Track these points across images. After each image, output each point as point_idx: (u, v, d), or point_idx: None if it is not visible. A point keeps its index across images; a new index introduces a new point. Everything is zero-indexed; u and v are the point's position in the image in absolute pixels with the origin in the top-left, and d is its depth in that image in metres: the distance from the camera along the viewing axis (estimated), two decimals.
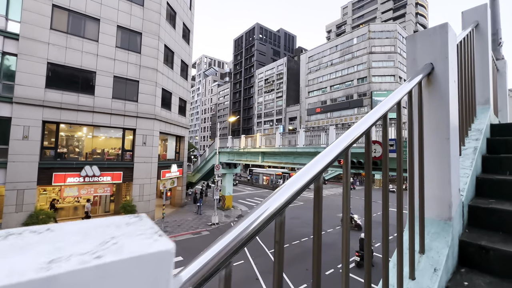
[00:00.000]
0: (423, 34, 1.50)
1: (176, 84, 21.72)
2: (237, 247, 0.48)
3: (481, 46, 2.65)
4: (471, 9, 2.72)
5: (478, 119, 2.45)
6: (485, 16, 2.59)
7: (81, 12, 15.58)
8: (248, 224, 0.52)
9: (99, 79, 16.07)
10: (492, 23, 4.24)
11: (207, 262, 0.44)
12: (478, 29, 2.65)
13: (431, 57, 1.45)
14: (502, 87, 4.07)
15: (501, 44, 4.18)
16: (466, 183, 1.66)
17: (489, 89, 2.60)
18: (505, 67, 4.05)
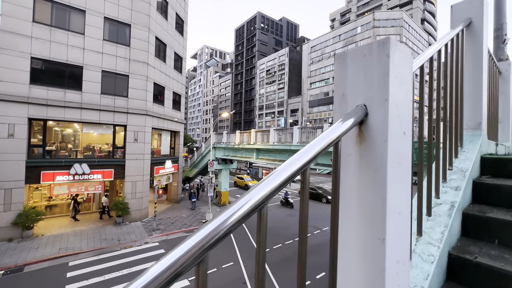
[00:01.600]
0: (355, 55, 0.92)
1: (170, 78, 21.05)
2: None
3: (474, 51, 2.02)
4: (463, 2, 2.08)
5: (464, 151, 1.86)
6: (480, 11, 1.96)
7: (65, 4, 14.87)
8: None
9: (86, 74, 15.51)
10: (496, 16, 3.55)
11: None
12: (470, 29, 2.02)
13: (365, 94, 0.88)
14: (505, 93, 3.42)
15: (506, 42, 3.50)
16: (428, 275, 1.10)
17: (482, 109, 1.99)
18: (510, 70, 3.39)
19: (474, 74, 2.02)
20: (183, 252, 0.42)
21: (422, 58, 1.30)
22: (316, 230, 16.59)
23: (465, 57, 2.02)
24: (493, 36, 3.60)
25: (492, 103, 2.99)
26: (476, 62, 2.01)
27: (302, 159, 0.68)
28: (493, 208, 1.54)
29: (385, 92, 0.82)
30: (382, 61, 0.83)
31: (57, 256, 12.23)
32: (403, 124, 0.88)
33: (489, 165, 1.87)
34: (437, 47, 1.54)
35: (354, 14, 74.94)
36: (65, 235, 14.54)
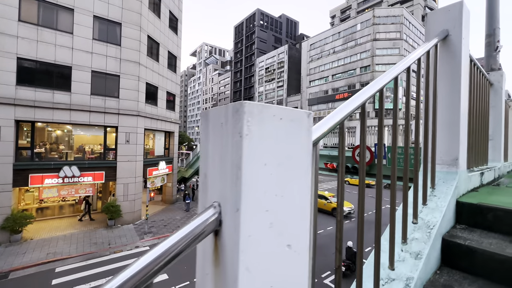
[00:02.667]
0: (215, 118, 0.59)
1: (163, 78, 20.67)
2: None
3: (451, 70, 1.68)
4: (438, 12, 1.73)
5: (435, 195, 1.53)
6: (459, 21, 1.61)
7: (53, 2, 14.46)
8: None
9: (75, 75, 15.16)
10: (488, 21, 3.19)
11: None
12: (447, 43, 1.67)
13: (220, 187, 0.55)
14: (497, 107, 3.07)
15: (499, 49, 3.14)
16: None
17: (460, 140, 1.65)
18: (502, 80, 3.04)
19: (451, 98, 1.67)
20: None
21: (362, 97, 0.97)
22: None
23: (440, 77, 1.68)
24: (485, 43, 3.25)
25: (481, 119, 2.66)
26: (454, 82, 1.67)
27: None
28: (464, 281, 1.21)
29: (237, 196, 0.49)
30: (235, 142, 0.50)
31: (44, 261, 11.99)
32: (282, 241, 0.55)
33: (465, 212, 1.54)
34: (393, 73, 1.21)
35: (354, 11, 74.01)
36: (55, 239, 14.31)
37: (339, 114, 0.88)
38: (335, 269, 0.94)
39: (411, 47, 49.93)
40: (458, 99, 1.65)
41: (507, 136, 4.29)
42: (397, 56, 47.41)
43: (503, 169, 3.13)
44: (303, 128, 0.58)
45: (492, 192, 1.87)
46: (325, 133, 0.78)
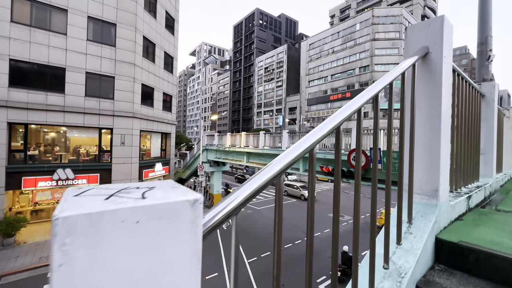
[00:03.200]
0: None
1: (159, 78, 20.50)
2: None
3: (431, 90, 1.53)
4: (419, 26, 1.59)
5: (411, 232, 1.38)
6: (439, 37, 1.46)
7: (46, 3, 14.27)
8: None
9: (69, 76, 14.98)
10: (480, 28, 3.03)
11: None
12: (427, 61, 1.52)
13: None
14: (488, 120, 2.92)
15: (491, 59, 2.99)
16: None
17: (440, 169, 1.50)
18: (494, 92, 2.88)
19: (430, 121, 1.52)
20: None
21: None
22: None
23: (419, 98, 1.53)
24: (476, 51, 3.10)
25: (471, 133, 2.51)
26: (434, 103, 1.52)
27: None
28: None
29: None
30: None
31: (36, 266, 11.85)
32: None
33: (445, 250, 1.39)
34: (374, 90, 1.07)
35: (353, 11, 73.77)
36: (48, 243, 14.15)
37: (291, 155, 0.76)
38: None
39: None
40: (439, 122, 1.50)
41: (501, 146, 4.15)
42: (397, 56, 47.24)
43: (495, 184, 2.98)
44: (183, 225, 0.43)
45: (478, 222, 1.73)
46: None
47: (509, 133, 4.32)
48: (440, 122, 1.49)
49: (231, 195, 0.60)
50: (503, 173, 4.06)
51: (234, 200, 0.59)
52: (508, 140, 4.33)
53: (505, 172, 4.25)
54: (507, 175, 4.09)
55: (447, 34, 1.51)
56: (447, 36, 1.51)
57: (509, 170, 4.33)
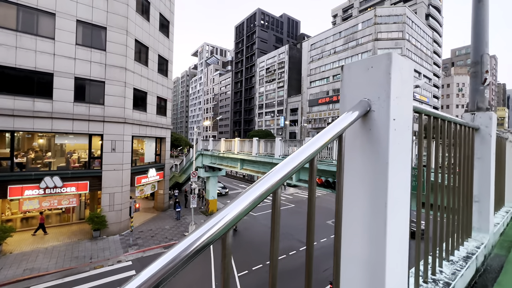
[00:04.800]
0: None
1: (153, 82, 20.07)
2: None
3: (374, 160, 0.97)
4: (356, 65, 1.02)
5: None
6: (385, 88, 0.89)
7: (33, 7, 13.92)
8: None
9: (57, 81, 14.62)
10: (475, 45, 2.45)
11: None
12: (369, 122, 0.94)
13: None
14: (484, 158, 2.33)
15: (488, 82, 2.40)
16: None
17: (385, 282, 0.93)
18: (491, 124, 2.29)
19: (374, 215, 0.97)
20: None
21: None
22: (302, 246, 15.58)
23: (358, 173, 0.98)
24: (470, 73, 2.51)
25: (460, 179, 1.95)
26: (378, 183, 0.96)
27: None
28: None
29: None
30: None
31: (19, 279, 11.48)
32: None
33: None
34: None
35: (356, 10, 72.73)
36: (35, 253, 13.80)
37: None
38: None
39: (414, 47, 48.73)
40: (384, 216, 0.94)
41: (503, 177, 3.54)
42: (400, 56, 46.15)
43: (492, 239, 2.40)
44: None
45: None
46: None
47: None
48: (386, 215, 0.92)
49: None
50: (505, 209, 3.46)
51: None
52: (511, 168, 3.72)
53: (509, 206, 3.65)
54: (511, 210, 3.47)
55: (399, 83, 0.94)
56: (399, 86, 0.94)
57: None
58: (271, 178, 0.59)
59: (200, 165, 22.31)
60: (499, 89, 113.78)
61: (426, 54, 53.78)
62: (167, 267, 0.40)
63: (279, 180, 0.60)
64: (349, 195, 1.02)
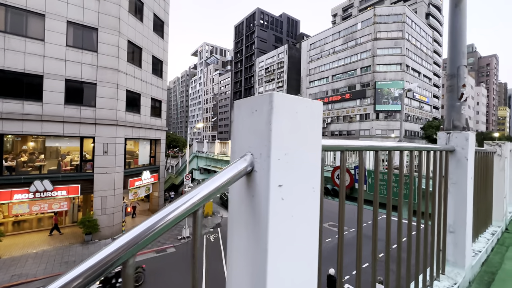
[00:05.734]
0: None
1: (147, 84, 19.83)
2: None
3: (254, 243, 0.70)
4: (245, 104, 0.75)
5: None
6: (265, 144, 0.62)
7: (21, 8, 13.69)
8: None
9: (47, 84, 14.40)
10: (451, 55, 2.19)
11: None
12: (252, 184, 0.68)
13: None
14: (460, 184, 2.07)
15: (463, 98, 2.13)
16: None
17: None
18: (468, 145, 2.03)
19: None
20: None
21: None
22: None
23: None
24: (446, 87, 2.24)
25: (433, 208, 1.70)
26: (257, 274, 0.70)
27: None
28: None
29: None
30: None
31: (6, 285, 11.28)
32: None
33: None
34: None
35: (356, 9, 72.30)
36: (25, 258, 13.61)
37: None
38: None
39: (413, 47, 48.34)
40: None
41: (490, 194, 3.28)
42: (399, 56, 45.86)
43: (470, 274, 2.13)
44: None
45: None
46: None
47: (500, 176, 3.44)
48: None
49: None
50: (492, 230, 3.19)
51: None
52: (500, 184, 3.45)
53: (496, 225, 3.38)
54: (498, 231, 3.21)
55: (288, 135, 0.69)
56: (289, 139, 0.69)
57: (501, 222, 3.45)
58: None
59: (195, 167, 22.08)
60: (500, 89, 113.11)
61: (426, 54, 53.34)
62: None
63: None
64: (234, 278, 0.77)
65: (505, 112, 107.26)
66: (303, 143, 0.72)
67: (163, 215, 0.51)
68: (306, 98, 0.73)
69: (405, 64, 45.76)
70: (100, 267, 0.40)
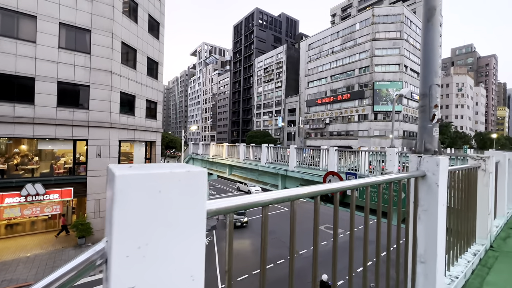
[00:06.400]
0: None
1: (142, 85, 19.68)
2: None
3: None
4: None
5: None
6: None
7: (12, 9, 13.53)
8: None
9: (39, 86, 14.24)
10: (423, 73, 2.06)
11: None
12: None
13: None
14: (431, 211, 1.94)
15: (435, 119, 2.00)
16: None
17: None
18: (439, 171, 1.90)
19: None
20: None
21: None
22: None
23: None
24: (418, 107, 2.12)
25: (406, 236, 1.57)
26: None
27: None
28: None
29: None
30: None
31: None
32: None
33: None
34: None
35: (355, 9, 72.15)
36: (16, 262, 13.47)
37: None
38: None
39: (412, 47, 48.21)
40: None
41: (474, 210, 3.15)
42: (397, 56, 45.75)
43: None
44: None
45: None
46: None
47: (484, 191, 3.31)
48: None
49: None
50: (475, 249, 3.07)
51: None
52: (484, 200, 3.32)
53: (480, 243, 3.25)
54: (481, 250, 3.08)
55: (131, 229, 0.56)
56: (131, 235, 0.56)
57: (485, 240, 3.32)
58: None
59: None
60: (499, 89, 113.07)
61: None
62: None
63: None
64: None
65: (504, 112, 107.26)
66: (173, 225, 0.59)
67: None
68: (179, 170, 0.60)
69: (404, 64, 45.65)
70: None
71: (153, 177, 0.56)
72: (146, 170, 0.56)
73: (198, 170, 0.63)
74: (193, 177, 0.62)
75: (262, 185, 13.74)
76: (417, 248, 1.94)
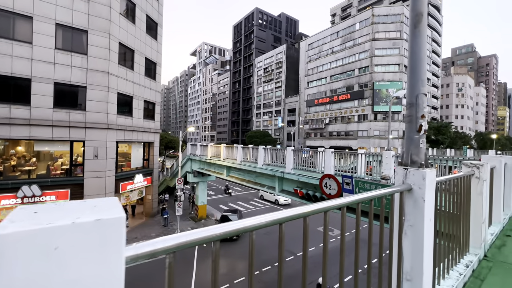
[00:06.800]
0: None
1: (139, 86, 19.60)
2: None
3: None
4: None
5: None
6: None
7: (8, 10, 13.44)
8: None
9: (35, 87, 14.17)
10: (410, 82, 1.97)
11: None
12: None
13: None
14: (417, 226, 1.86)
15: (422, 131, 1.91)
16: None
17: None
18: (425, 185, 1.82)
19: None
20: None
21: None
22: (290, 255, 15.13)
23: None
24: (404, 117, 2.03)
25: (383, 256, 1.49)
26: None
27: None
28: None
29: None
30: None
31: None
32: None
33: None
34: None
35: (355, 9, 71.97)
36: None
37: None
38: None
39: None
40: None
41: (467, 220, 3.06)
42: (397, 56, 45.60)
43: None
44: None
45: None
46: None
47: (478, 200, 3.22)
48: None
49: None
50: (467, 260, 2.98)
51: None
52: (477, 208, 3.23)
53: (473, 252, 3.17)
54: (474, 261, 2.99)
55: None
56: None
57: (478, 249, 3.23)
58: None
59: (189, 170, 21.89)
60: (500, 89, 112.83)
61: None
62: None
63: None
64: None
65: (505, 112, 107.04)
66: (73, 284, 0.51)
67: None
68: (86, 219, 0.51)
69: (403, 64, 45.49)
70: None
71: (47, 233, 0.48)
72: (41, 224, 0.48)
73: (113, 217, 0.54)
74: (103, 226, 0.53)
75: (259, 187, 13.65)
76: (402, 265, 1.86)
